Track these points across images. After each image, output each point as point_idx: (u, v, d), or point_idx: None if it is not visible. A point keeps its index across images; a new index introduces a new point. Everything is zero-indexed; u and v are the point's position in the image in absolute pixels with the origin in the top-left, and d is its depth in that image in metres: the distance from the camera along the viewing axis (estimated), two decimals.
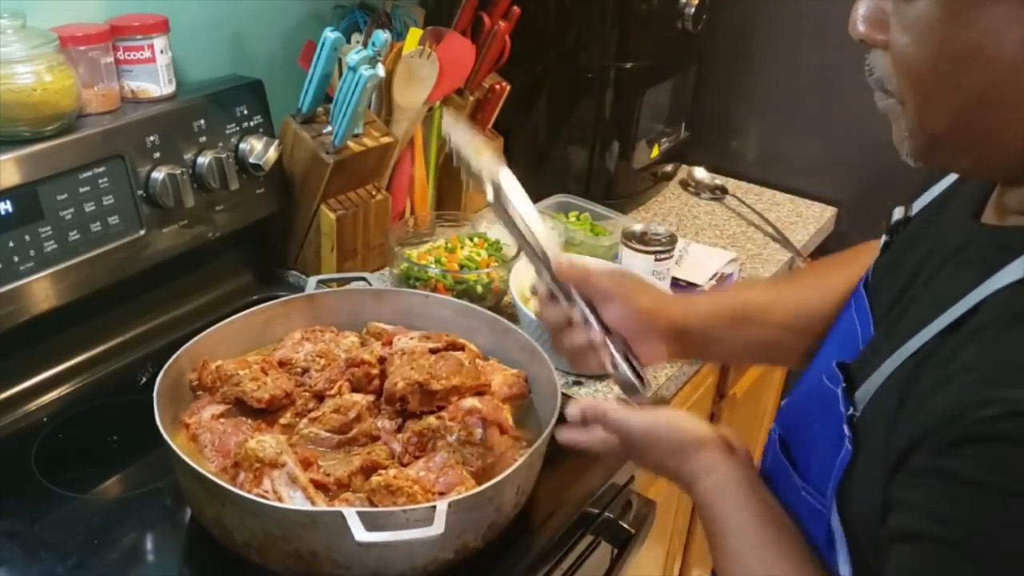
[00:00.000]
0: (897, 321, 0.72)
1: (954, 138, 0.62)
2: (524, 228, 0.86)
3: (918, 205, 0.82)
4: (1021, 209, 0.65)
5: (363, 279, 1.29)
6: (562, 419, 1.00)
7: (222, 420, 1.02)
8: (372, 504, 0.90)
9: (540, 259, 0.87)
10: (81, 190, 1.13)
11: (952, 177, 0.79)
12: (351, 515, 0.81)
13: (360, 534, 0.80)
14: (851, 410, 0.68)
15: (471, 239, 1.45)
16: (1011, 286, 0.59)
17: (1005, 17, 0.55)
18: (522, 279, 1.32)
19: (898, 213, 0.83)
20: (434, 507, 0.83)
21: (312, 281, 1.24)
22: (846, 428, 0.67)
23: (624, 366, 0.89)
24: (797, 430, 0.79)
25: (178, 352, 1.05)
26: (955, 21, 0.57)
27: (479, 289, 1.34)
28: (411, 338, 1.15)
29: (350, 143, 1.38)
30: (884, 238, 0.83)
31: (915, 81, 0.62)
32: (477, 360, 1.14)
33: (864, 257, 0.87)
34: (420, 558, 0.88)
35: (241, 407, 1.03)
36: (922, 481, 0.57)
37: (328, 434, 0.99)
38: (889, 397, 0.65)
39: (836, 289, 0.91)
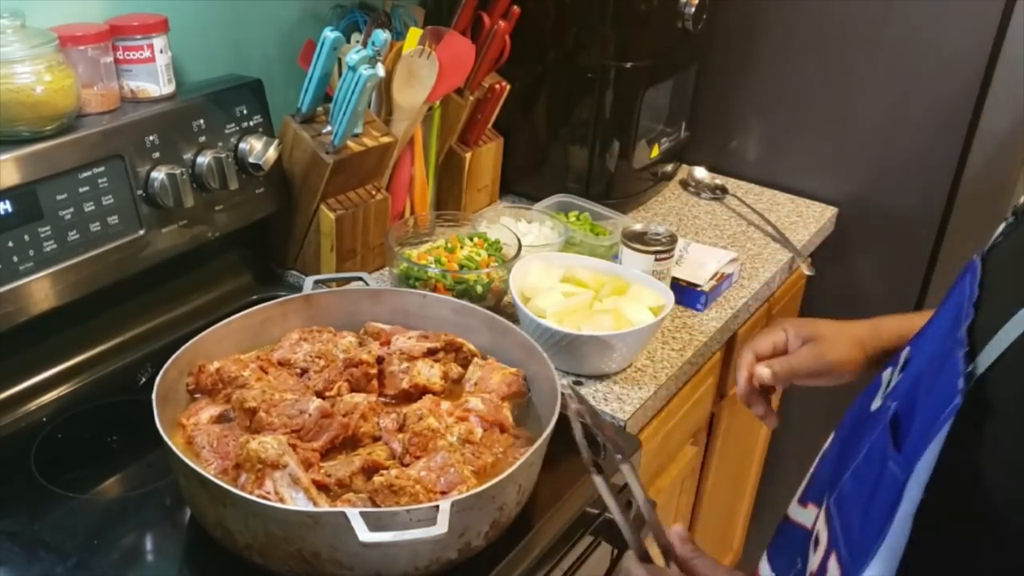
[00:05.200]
0: (1019, 278, 0.71)
1: None
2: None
3: None
4: None
5: (360, 279, 1.29)
6: (561, 419, 1.00)
7: (220, 422, 1.02)
8: (375, 504, 0.89)
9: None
10: (81, 190, 1.13)
11: None
12: (354, 515, 0.81)
13: (364, 534, 0.80)
14: (971, 367, 0.66)
15: (471, 239, 1.45)
16: None
17: None
18: (522, 279, 1.32)
19: None
20: (437, 507, 0.83)
21: (309, 281, 1.24)
22: (960, 382, 0.65)
23: None
24: (911, 404, 0.76)
25: (175, 355, 1.04)
26: None
27: (479, 289, 1.34)
28: (409, 338, 1.15)
29: (350, 143, 1.38)
30: (1009, 219, 0.81)
31: None
32: (476, 359, 1.14)
33: None
34: (423, 558, 0.88)
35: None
36: None
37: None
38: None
39: None
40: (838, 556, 0.75)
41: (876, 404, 0.82)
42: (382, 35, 1.31)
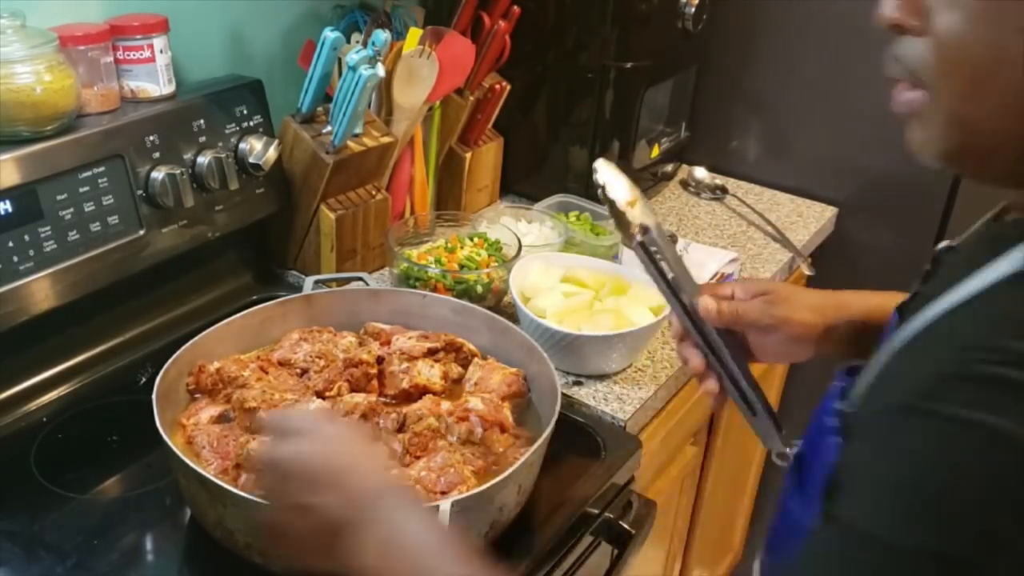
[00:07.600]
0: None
1: (997, 126, 0.57)
2: (669, 275, 0.86)
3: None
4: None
5: (361, 279, 1.29)
6: (561, 419, 1.00)
7: (220, 422, 1.02)
8: None
9: (679, 304, 0.86)
10: (81, 190, 1.13)
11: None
12: None
13: None
14: (842, 404, 0.65)
15: (471, 239, 1.45)
16: (1009, 278, 0.55)
17: None
18: (522, 279, 1.32)
19: (943, 244, 0.77)
20: (437, 507, 0.83)
21: (309, 281, 1.24)
22: (835, 419, 0.64)
23: (763, 416, 0.88)
24: (811, 443, 0.75)
25: (175, 355, 1.04)
26: None
27: (479, 289, 1.34)
28: (409, 338, 1.15)
29: (350, 143, 1.38)
30: (926, 268, 0.79)
31: (962, 64, 0.56)
32: (476, 359, 1.14)
33: None
34: None
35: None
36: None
37: None
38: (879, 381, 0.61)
39: None
40: None
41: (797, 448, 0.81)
42: (382, 35, 1.31)
